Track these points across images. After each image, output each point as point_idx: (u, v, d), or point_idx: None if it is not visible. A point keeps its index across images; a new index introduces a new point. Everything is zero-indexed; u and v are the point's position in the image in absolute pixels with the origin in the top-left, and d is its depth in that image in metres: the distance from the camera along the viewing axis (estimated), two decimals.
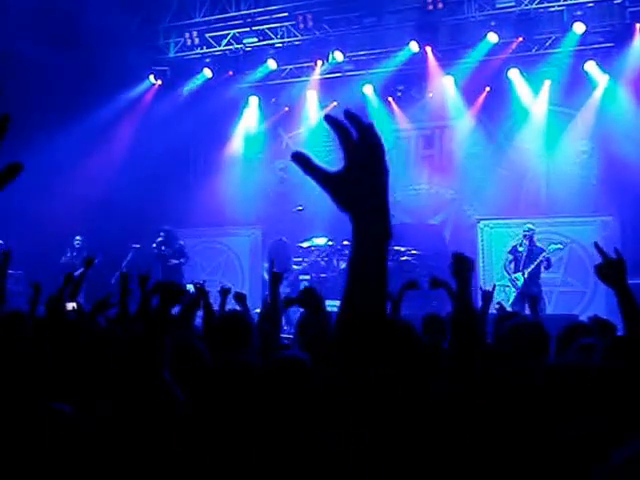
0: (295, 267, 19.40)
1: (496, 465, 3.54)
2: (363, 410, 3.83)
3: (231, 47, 19.91)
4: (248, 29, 19.55)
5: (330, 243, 19.03)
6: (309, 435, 3.65)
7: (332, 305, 17.38)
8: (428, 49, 18.27)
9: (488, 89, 18.85)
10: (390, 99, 20.06)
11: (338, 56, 18.83)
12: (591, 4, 16.87)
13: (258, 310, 14.03)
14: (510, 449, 3.61)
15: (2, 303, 7.22)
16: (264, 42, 19.53)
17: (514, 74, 18.31)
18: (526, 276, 15.58)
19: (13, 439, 3.74)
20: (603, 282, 4.43)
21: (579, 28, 16.78)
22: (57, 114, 18.29)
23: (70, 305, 8.36)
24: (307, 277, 18.97)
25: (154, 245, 18.13)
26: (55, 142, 17.83)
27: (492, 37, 17.48)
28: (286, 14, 19.12)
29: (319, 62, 19.32)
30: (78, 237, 18.44)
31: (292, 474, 3.55)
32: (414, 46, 18.10)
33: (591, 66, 17.49)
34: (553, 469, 3.48)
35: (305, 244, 19.43)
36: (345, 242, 18.46)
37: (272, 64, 19.55)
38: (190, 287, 14.63)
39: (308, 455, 3.50)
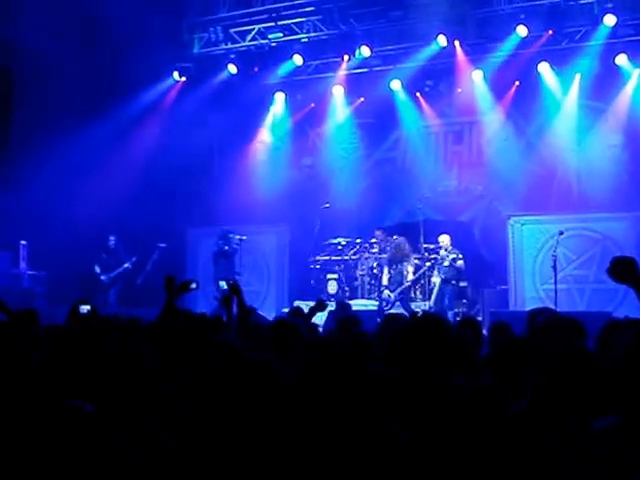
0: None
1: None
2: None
3: (256, 42, 20.12)
4: (273, 24, 19.77)
5: (358, 240, 19.29)
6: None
7: (361, 304, 17.78)
8: (456, 43, 18.37)
9: (518, 83, 19.07)
10: (418, 94, 20.24)
11: (365, 51, 18.93)
12: None
13: (286, 309, 14.39)
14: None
15: None
16: (290, 37, 19.74)
17: (544, 68, 18.47)
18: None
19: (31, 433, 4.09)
20: (616, 281, 4.73)
21: (610, 20, 16.82)
22: (81, 113, 18.61)
23: (85, 307, 8.64)
24: (334, 276, 19.22)
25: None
26: (79, 141, 18.18)
27: (522, 30, 17.55)
28: (312, 8, 19.37)
29: (345, 57, 19.42)
30: (112, 237, 18.72)
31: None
32: (442, 40, 18.16)
33: (622, 59, 17.57)
34: None
35: (332, 241, 19.68)
36: (373, 240, 18.76)
37: (298, 60, 19.66)
38: (222, 284, 15.13)
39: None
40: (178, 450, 4.16)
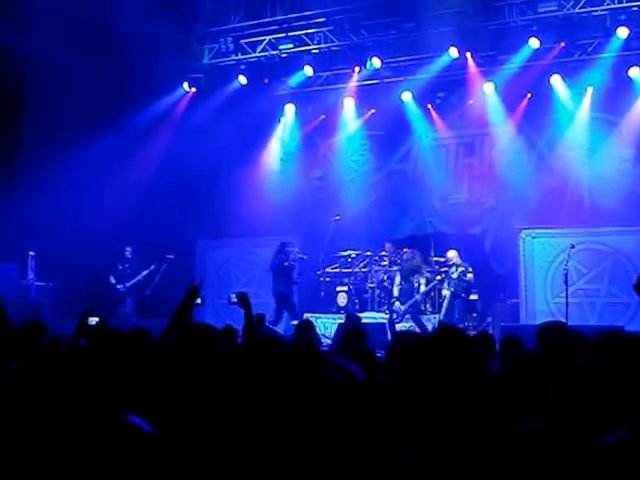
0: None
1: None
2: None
3: (266, 53, 20.17)
4: (284, 35, 19.84)
5: (368, 253, 19.26)
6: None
7: (371, 317, 17.74)
8: (468, 55, 18.42)
9: (529, 96, 19.00)
10: (429, 106, 20.18)
11: (376, 62, 18.99)
12: (635, 8, 16.86)
13: (295, 322, 14.38)
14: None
15: None
16: (300, 48, 19.77)
17: (556, 80, 18.42)
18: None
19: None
20: None
21: (623, 33, 16.85)
22: (90, 123, 18.66)
23: (93, 319, 8.66)
24: (344, 288, 19.18)
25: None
26: (88, 152, 18.25)
27: (534, 42, 17.60)
28: (323, 19, 19.40)
29: (356, 69, 19.48)
30: (128, 248, 18.90)
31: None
32: (454, 52, 18.23)
33: (635, 72, 17.55)
34: None
35: (342, 254, 19.65)
36: (383, 252, 18.75)
37: (308, 71, 19.71)
38: (232, 296, 15.12)
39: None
40: (176, 449, 4.17)
